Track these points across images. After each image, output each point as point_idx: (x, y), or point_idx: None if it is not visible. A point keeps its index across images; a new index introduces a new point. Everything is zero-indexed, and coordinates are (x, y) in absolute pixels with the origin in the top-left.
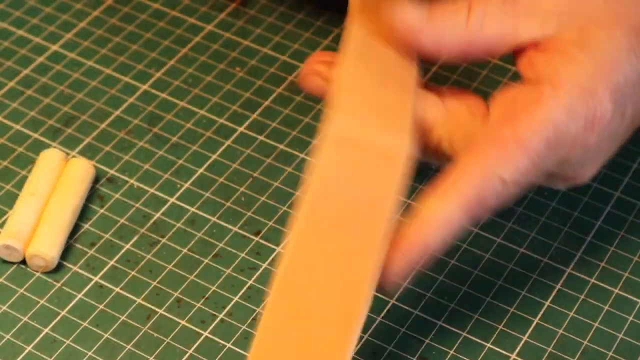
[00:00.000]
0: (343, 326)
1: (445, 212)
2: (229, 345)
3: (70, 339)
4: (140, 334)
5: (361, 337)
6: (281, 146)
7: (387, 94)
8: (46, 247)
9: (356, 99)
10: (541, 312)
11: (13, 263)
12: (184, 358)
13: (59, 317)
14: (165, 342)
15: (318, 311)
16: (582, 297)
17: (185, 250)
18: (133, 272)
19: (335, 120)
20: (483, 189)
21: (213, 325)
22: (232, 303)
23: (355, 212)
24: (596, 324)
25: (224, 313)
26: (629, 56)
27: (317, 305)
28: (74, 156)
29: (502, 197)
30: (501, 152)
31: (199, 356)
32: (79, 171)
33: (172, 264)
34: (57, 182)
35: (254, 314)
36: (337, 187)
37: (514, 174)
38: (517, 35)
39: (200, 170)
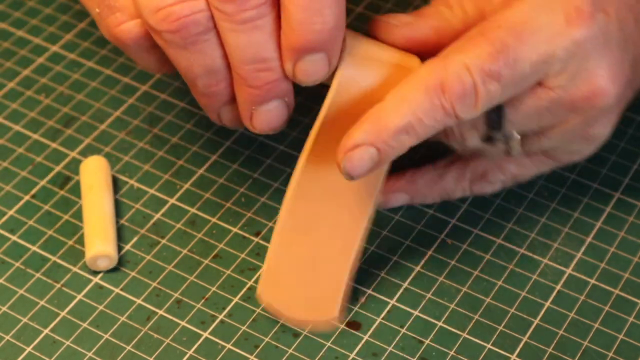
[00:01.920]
0: (349, 234)
1: (407, 93)
2: (228, 346)
3: (71, 339)
4: (140, 334)
5: (361, 337)
6: (281, 147)
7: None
8: (111, 247)
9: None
10: (541, 313)
11: (13, 264)
12: (184, 359)
13: (59, 318)
14: (165, 343)
15: (327, 219)
16: (583, 297)
17: (185, 251)
18: (133, 273)
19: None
20: (446, 74)
21: (213, 326)
22: (232, 304)
23: None
24: (596, 325)
25: (224, 314)
26: None
27: (327, 214)
28: (74, 157)
29: (467, 86)
30: (464, 42)
31: (199, 357)
32: (102, 169)
33: (172, 264)
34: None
35: (254, 315)
36: (349, 100)
37: (476, 60)
38: None
39: (200, 171)
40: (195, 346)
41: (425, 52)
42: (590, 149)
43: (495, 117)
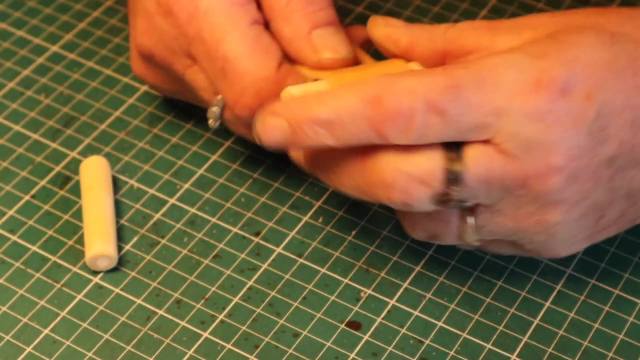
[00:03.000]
0: None
1: (345, 92)
2: (228, 346)
3: (71, 339)
4: (140, 334)
5: (361, 337)
6: None
7: None
8: (111, 247)
9: None
10: (541, 313)
11: (13, 264)
12: (184, 359)
13: (59, 318)
14: (165, 343)
15: None
16: (583, 297)
17: (185, 251)
18: (133, 273)
19: None
20: (388, 90)
21: (213, 326)
22: (232, 304)
23: None
24: (596, 325)
25: (224, 314)
26: (596, 43)
27: None
28: (74, 157)
29: (403, 109)
30: (424, 70)
31: (199, 357)
32: (102, 169)
33: (172, 264)
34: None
35: (254, 315)
36: None
37: (425, 87)
38: (494, 42)
39: (200, 171)
40: (195, 346)
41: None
42: (557, 244)
43: (454, 172)
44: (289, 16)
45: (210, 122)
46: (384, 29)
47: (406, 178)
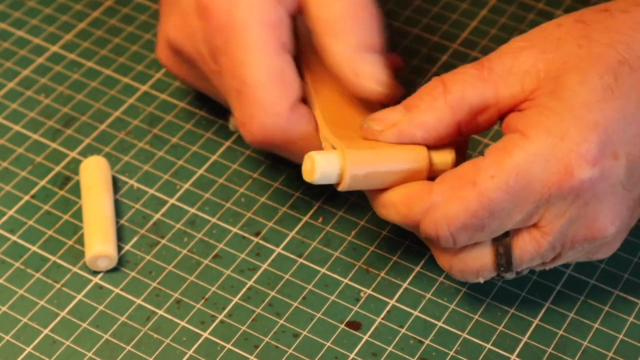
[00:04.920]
0: None
1: (388, 207)
2: (228, 346)
3: (70, 339)
4: (140, 334)
5: (361, 337)
6: None
7: None
8: (110, 247)
9: None
10: (541, 313)
11: (13, 264)
12: (184, 359)
13: (58, 318)
14: (165, 343)
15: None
16: (582, 298)
17: (185, 251)
18: (133, 273)
19: None
20: (423, 216)
21: (213, 326)
22: (232, 304)
23: None
24: (596, 325)
25: (223, 314)
26: (604, 95)
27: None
28: (74, 157)
29: (446, 236)
30: (452, 192)
31: (199, 357)
32: (102, 169)
33: (172, 264)
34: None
35: (254, 315)
36: None
37: (462, 212)
38: (498, 96)
39: (200, 171)
40: (195, 346)
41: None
42: (608, 253)
43: (503, 262)
44: (337, 32)
45: (231, 127)
46: (389, 133)
47: (460, 274)
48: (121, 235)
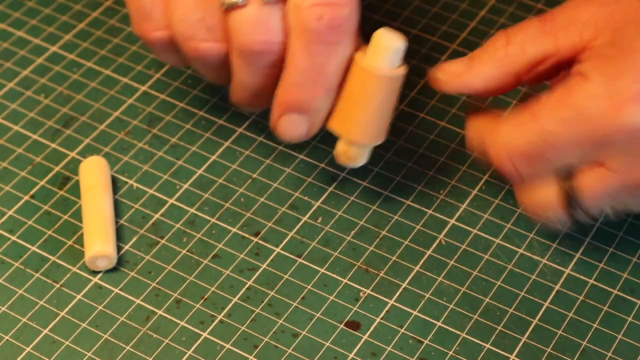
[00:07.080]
0: None
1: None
2: (228, 346)
3: (70, 339)
4: (140, 334)
5: (360, 337)
6: (281, 147)
7: None
8: (110, 247)
9: None
10: (540, 313)
11: (12, 264)
12: (183, 359)
13: (58, 318)
14: (165, 343)
15: None
16: (582, 297)
17: (184, 251)
18: (132, 273)
19: None
20: (487, 144)
21: (212, 326)
22: (232, 304)
23: None
24: (595, 325)
25: (223, 314)
26: None
27: None
28: (73, 157)
29: (509, 166)
30: (514, 122)
31: (198, 357)
32: (102, 169)
33: (172, 264)
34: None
35: (253, 315)
36: None
37: (521, 141)
38: (558, 46)
39: (200, 171)
40: (195, 346)
41: (483, 96)
42: None
43: (570, 199)
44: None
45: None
46: (452, 83)
47: (531, 209)
48: (120, 235)
